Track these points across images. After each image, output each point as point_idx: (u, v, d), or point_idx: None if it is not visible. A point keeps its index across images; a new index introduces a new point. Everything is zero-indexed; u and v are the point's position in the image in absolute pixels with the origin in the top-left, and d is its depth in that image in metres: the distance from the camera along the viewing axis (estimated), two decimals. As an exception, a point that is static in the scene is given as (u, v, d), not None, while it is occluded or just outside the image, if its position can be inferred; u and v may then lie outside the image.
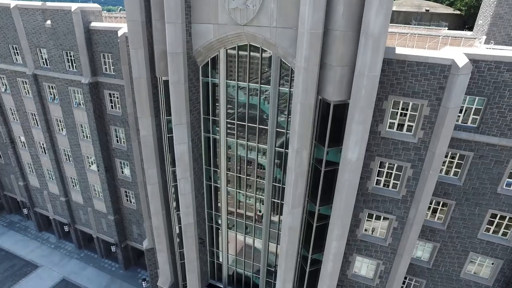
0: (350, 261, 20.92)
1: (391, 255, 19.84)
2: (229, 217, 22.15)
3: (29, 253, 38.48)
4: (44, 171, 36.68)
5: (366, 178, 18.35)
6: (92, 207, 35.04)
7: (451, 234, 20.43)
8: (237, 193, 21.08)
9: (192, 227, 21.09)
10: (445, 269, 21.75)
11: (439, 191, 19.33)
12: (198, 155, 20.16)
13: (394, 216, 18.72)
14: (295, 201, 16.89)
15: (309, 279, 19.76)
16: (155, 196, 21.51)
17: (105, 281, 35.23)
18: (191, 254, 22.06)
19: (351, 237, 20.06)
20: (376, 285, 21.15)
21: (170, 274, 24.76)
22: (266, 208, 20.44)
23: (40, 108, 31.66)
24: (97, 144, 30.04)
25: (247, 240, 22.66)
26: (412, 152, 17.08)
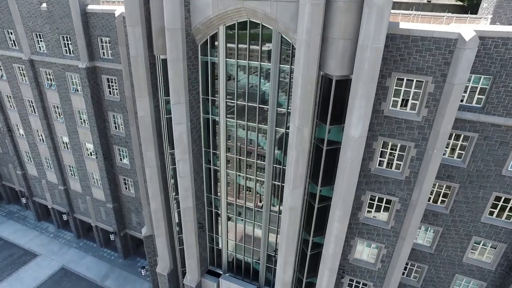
0: (352, 245, 20.60)
1: (394, 239, 19.51)
2: (229, 201, 21.80)
3: (28, 242, 38.27)
4: (42, 160, 36.32)
5: (368, 159, 17.98)
6: (91, 195, 34.73)
7: (454, 218, 20.10)
8: (237, 176, 20.71)
9: (191, 211, 20.75)
10: (448, 254, 21.45)
11: (442, 174, 18.96)
12: (197, 137, 19.77)
13: (397, 198, 18.36)
14: (296, 181, 16.53)
15: (310, 262, 19.45)
16: (154, 179, 21.15)
17: (104, 269, 35.04)
18: (190, 239, 21.75)
19: (353, 220, 19.72)
20: (378, 270, 20.86)
21: (169, 260, 24.48)
22: (267, 191, 20.08)
23: (37, 94, 31.22)
24: (95, 131, 29.64)
25: (247, 225, 22.34)
26: (415, 131, 16.68)
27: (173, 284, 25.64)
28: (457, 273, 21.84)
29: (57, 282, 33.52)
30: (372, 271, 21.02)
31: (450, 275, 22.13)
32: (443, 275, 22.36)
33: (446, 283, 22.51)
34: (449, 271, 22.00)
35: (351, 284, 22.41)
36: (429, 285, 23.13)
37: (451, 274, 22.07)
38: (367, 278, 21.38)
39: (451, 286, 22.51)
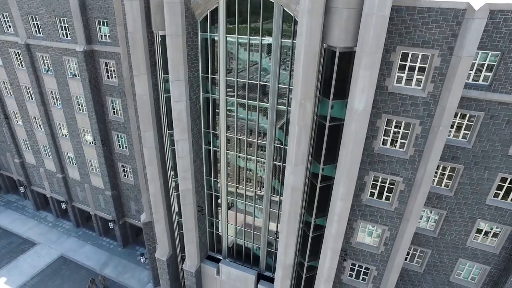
0: (355, 228, 20.23)
1: (397, 221, 19.14)
2: (229, 183, 21.41)
3: (26, 231, 37.99)
4: (40, 147, 35.92)
5: (372, 138, 17.55)
6: (89, 183, 34.36)
7: (459, 201, 19.71)
8: (237, 158, 20.29)
9: (190, 194, 20.36)
10: (451, 237, 21.09)
11: (447, 155, 18.55)
12: (197, 116, 19.32)
13: (401, 178, 17.95)
14: (298, 158, 16.11)
15: (312, 245, 19.09)
16: (152, 161, 20.74)
17: (103, 258, 34.77)
18: (190, 222, 21.38)
19: (355, 202, 19.34)
20: (380, 253, 20.51)
21: (168, 246, 24.14)
22: (268, 172, 19.66)
23: (34, 80, 30.74)
24: (93, 116, 29.20)
25: (248, 209, 21.97)
26: (421, 107, 16.23)
27: (172, 270, 25.32)
28: (461, 257, 21.50)
29: (56, 270, 33.26)
30: (375, 254, 20.67)
31: (454, 259, 21.80)
32: (446, 260, 22.02)
33: (449, 268, 22.19)
34: (453, 255, 21.66)
35: (353, 269, 22.08)
36: (432, 270, 22.81)
37: (454, 258, 21.73)
38: (369, 262, 21.04)
39: (454, 270, 22.19)
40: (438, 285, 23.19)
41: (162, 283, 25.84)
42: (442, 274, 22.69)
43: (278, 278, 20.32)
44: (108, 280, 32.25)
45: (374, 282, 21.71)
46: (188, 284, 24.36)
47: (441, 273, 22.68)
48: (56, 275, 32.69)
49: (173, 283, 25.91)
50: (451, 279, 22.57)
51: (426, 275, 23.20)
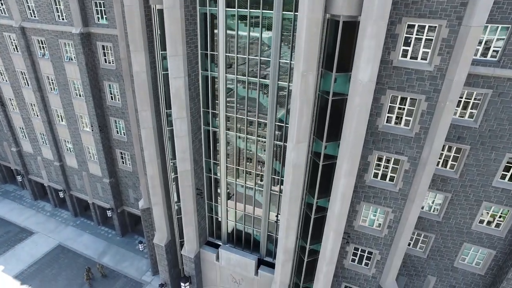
0: (358, 210, 19.72)
1: (401, 202, 18.61)
2: (229, 165, 20.89)
3: (24, 221, 37.56)
4: (37, 135, 35.39)
5: (376, 115, 16.99)
6: (87, 171, 33.86)
7: (464, 183, 19.21)
8: (237, 138, 19.75)
9: (188, 175, 19.84)
10: (456, 221, 20.61)
11: (452, 135, 18.02)
12: (195, 95, 18.76)
13: (406, 157, 17.40)
14: (300, 134, 15.56)
15: (314, 227, 18.58)
16: (150, 141, 20.20)
17: (101, 247, 34.35)
18: (188, 205, 20.88)
19: (358, 183, 18.82)
20: (384, 236, 20.02)
21: (166, 231, 23.66)
22: (268, 152, 19.11)
23: (29, 65, 30.15)
24: (90, 101, 28.63)
25: (248, 192, 21.46)
26: (427, 82, 15.65)
27: (171, 256, 24.86)
28: (465, 242, 21.02)
29: (53, 258, 32.85)
30: (378, 238, 20.18)
31: (458, 244, 21.32)
32: (450, 244, 21.55)
33: (454, 253, 21.72)
34: (457, 240, 21.18)
35: (355, 254, 21.61)
36: (435, 255, 22.35)
37: (459, 242, 21.25)
38: (372, 246, 20.56)
39: (458, 255, 21.72)
40: (442, 270, 22.74)
41: (160, 270, 25.40)
42: (446, 259, 22.22)
43: (279, 262, 19.84)
44: (106, 268, 31.84)
45: (377, 267, 21.24)
46: (187, 270, 23.91)
47: (445, 258, 22.22)
48: (54, 264, 32.29)
49: (171, 269, 25.47)
50: (455, 264, 22.11)
51: (429, 260, 22.74)
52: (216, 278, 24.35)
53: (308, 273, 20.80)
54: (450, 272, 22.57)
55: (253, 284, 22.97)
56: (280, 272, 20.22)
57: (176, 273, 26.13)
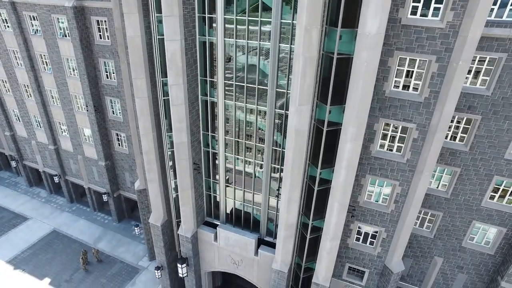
0: (363, 184, 18.78)
1: (409, 174, 17.64)
2: (227, 137, 19.91)
3: (18, 206, 36.69)
4: (31, 118, 34.44)
5: (382, 80, 16.03)
6: (82, 154, 32.94)
7: (474, 156, 18.27)
8: (236, 109, 18.80)
9: (185, 147, 18.88)
10: (465, 198, 19.68)
11: (462, 104, 17.10)
12: (193, 62, 17.79)
13: (414, 125, 16.43)
14: (302, 96, 14.60)
15: (318, 200, 17.62)
16: (145, 112, 19.25)
17: (97, 232, 33.47)
18: (185, 180, 19.92)
19: (364, 154, 17.88)
20: (390, 212, 19.08)
21: (162, 210, 22.72)
22: (269, 121, 18.10)
23: (21, 43, 29.17)
24: (85, 80, 27.68)
25: (247, 168, 20.50)
26: (438, 41, 14.65)
27: (167, 237, 23.93)
28: (475, 220, 20.11)
29: (48, 244, 31.98)
30: (384, 214, 19.23)
31: (467, 222, 20.40)
32: (459, 223, 20.63)
33: (462, 231, 20.81)
34: (466, 218, 20.26)
35: (360, 232, 20.69)
36: (443, 235, 21.44)
37: (467, 220, 20.33)
38: (378, 223, 19.62)
39: (467, 234, 20.80)
40: (449, 251, 21.85)
41: (156, 252, 24.49)
42: (454, 238, 21.32)
43: (280, 239, 18.91)
44: (102, 254, 30.98)
45: (382, 245, 20.32)
46: (183, 251, 22.99)
47: (453, 238, 21.31)
48: (48, 249, 31.41)
49: (168, 252, 24.55)
50: (463, 243, 21.20)
51: (436, 240, 21.84)
52: (214, 260, 23.43)
53: (310, 253, 19.88)
54: (458, 252, 21.68)
55: (252, 265, 22.05)
56: (282, 250, 19.30)
57: (173, 257, 25.22)
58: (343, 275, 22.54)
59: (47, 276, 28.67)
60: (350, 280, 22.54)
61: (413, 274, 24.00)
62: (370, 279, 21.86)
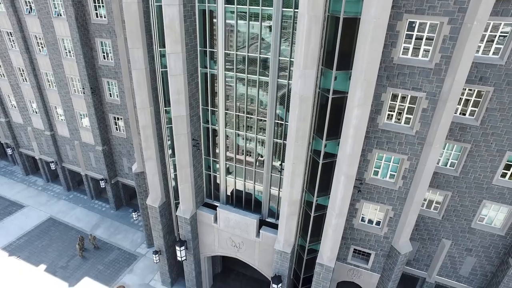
0: (369, 159, 17.97)
1: (418, 147, 16.82)
2: (228, 111, 19.10)
3: (14, 195, 35.90)
4: (27, 103, 33.65)
5: (391, 46, 15.20)
6: (79, 139, 32.15)
7: (485, 131, 17.47)
8: (236, 80, 18.00)
9: (184, 121, 18.07)
10: (475, 176, 18.87)
11: (474, 75, 16.30)
12: (192, 30, 16.98)
13: (424, 93, 15.62)
14: (307, 59, 13.79)
15: (323, 174, 16.79)
16: (142, 85, 18.44)
17: (94, 220, 32.70)
18: (184, 157, 19.12)
19: (371, 127, 17.07)
20: (398, 189, 18.26)
21: (160, 190, 21.92)
22: (271, 91, 17.27)
23: (15, 23, 28.38)
24: (81, 61, 26.88)
25: (248, 144, 19.70)
26: (451, 0, 13.88)
27: (165, 220, 23.14)
28: (485, 199, 19.30)
29: (44, 231, 31.22)
30: (391, 191, 18.41)
31: (477, 201, 19.59)
32: (468, 203, 19.83)
33: (471, 212, 20.01)
34: (476, 197, 19.45)
35: (366, 211, 19.87)
36: (451, 216, 20.65)
37: (477, 200, 19.53)
38: (385, 201, 18.82)
39: (476, 215, 20.00)
40: (457, 233, 21.06)
41: (154, 236, 23.70)
42: (462, 220, 20.52)
43: (283, 217, 18.12)
44: (99, 241, 30.21)
45: (389, 225, 19.51)
46: (182, 234, 22.19)
47: (462, 219, 20.52)
48: (44, 236, 30.64)
49: (166, 235, 23.77)
50: (472, 225, 20.41)
51: (444, 222, 21.04)
52: (214, 243, 22.64)
53: (315, 233, 19.10)
54: (467, 234, 20.89)
55: (254, 247, 21.26)
56: (284, 228, 18.51)
57: (171, 241, 24.44)
58: (348, 258, 21.75)
59: (43, 263, 27.91)
60: (355, 263, 21.75)
61: (419, 258, 23.21)
62: (376, 262, 21.08)
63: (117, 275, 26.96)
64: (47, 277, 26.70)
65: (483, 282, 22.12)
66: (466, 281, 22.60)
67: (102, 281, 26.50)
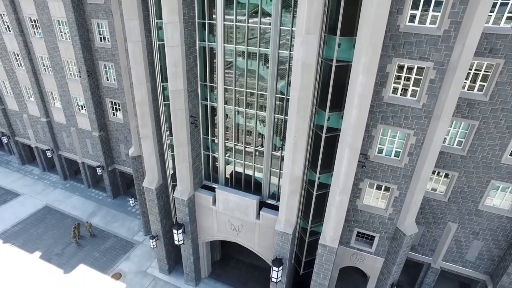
0: (374, 136, 17.31)
1: (425, 121, 16.14)
2: (227, 87, 18.44)
3: (10, 183, 35.25)
4: (22, 89, 32.99)
5: (397, 13, 14.57)
6: (76, 126, 31.49)
7: (495, 107, 16.81)
8: (236, 54, 17.33)
9: (181, 96, 17.39)
10: (483, 155, 18.22)
11: (483, 47, 15.63)
12: (190, 1, 16.32)
13: (432, 63, 14.95)
14: (309, 23, 13.11)
15: (326, 147, 16.05)
16: (138, 59, 17.75)
17: (91, 208, 32.04)
18: (181, 134, 18.43)
19: (375, 101, 16.41)
20: (404, 166, 17.58)
21: (157, 171, 21.24)
22: (272, 63, 16.61)
23: (8, 4, 27.71)
24: (77, 43, 26.21)
25: (248, 122, 19.03)
26: (461, -39, 13.24)
27: (162, 203, 22.46)
28: (493, 179, 18.65)
29: (39, 219, 30.56)
30: (396, 169, 17.74)
31: (485, 182, 18.94)
32: (475, 183, 19.18)
33: (479, 193, 19.35)
34: (484, 177, 18.80)
35: (370, 192, 19.23)
36: (458, 198, 19.99)
37: (485, 180, 18.87)
38: (390, 180, 18.15)
39: (484, 196, 19.35)
40: (464, 215, 20.41)
41: (151, 220, 23.01)
42: (469, 201, 19.87)
43: (285, 194, 17.43)
44: (95, 228, 29.54)
45: (394, 205, 18.84)
46: (180, 217, 21.51)
47: (469, 201, 19.87)
48: (40, 224, 29.98)
49: (163, 220, 23.10)
50: (480, 207, 19.76)
51: (451, 204, 20.39)
52: (212, 227, 21.96)
53: (317, 214, 18.41)
54: (474, 216, 20.24)
55: (254, 230, 20.58)
56: (286, 207, 17.82)
57: (168, 226, 23.76)
58: (351, 242, 21.09)
59: (38, 250, 27.24)
60: (358, 247, 21.09)
61: (424, 243, 22.55)
62: (380, 245, 20.41)
63: (114, 262, 26.30)
64: (42, 264, 26.04)
65: (490, 267, 21.47)
66: (473, 266, 21.94)
67: (98, 268, 25.83)
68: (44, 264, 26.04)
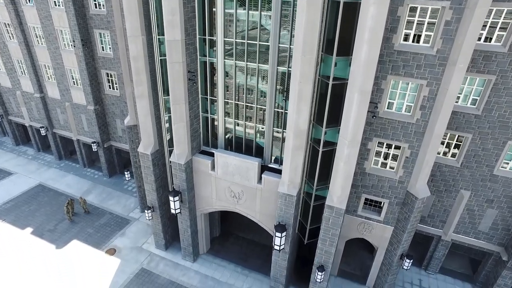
0: (383, 89, 16.18)
1: (439, 69, 14.97)
2: (227, 40, 17.32)
3: (2, 163, 34.20)
4: (15, 64, 31.90)
5: None
6: (70, 100, 30.39)
7: (513, 59, 15.66)
8: (237, 6, 16.22)
9: (179, 47, 16.24)
10: (500, 113, 17.13)
11: (500, -7, 14.50)
12: None
13: (448, 2, 13.76)
14: None
15: (333, 97, 14.92)
16: (133, 9, 16.47)
17: (86, 186, 30.94)
18: (178, 90, 17.24)
19: (385, 49, 15.28)
20: (416, 122, 16.42)
21: (153, 136, 20.07)
22: (275, 12, 15.54)
23: (1, -30, 26.70)
24: (70, 9, 25.12)
25: (249, 80, 17.93)
26: None
27: (158, 170, 21.29)
28: (511, 140, 17.55)
29: (32, 196, 29.46)
30: (408, 125, 16.56)
31: (501, 143, 17.84)
32: (490, 146, 18.07)
33: (494, 156, 18.25)
34: (500, 138, 17.69)
35: (379, 153, 18.10)
36: (471, 162, 18.89)
37: (501, 142, 17.77)
38: (401, 137, 16.98)
39: (500, 159, 18.24)
40: (478, 181, 19.30)
41: (147, 190, 21.84)
42: (484, 166, 18.76)
43: (289, 150, 16.24)
44: (90, 206, 28.41)
45: (405, 167, 17.65)
46: (177, 184, 20.36)
47: (483, 165, 18.76)
48: (32, 201, 28.87)
49: (159, 189, 21.95)
50: (495, 171, 18.66)
51: (463, 170, 19.28)
52: (211, 195, 20.80)
53: (323, 175, 17.24)
54: (488, 182, 19.13)
55: (255, 196, 19.42)
56: (290, 165, 16.64)
57: (165, 197, 22.61)
58: (358, 210, 19.94)
59: (29, 226, 26.11)
60: (366, 216, 19.94)
61: (434, 214, 21.43)
62: (389, 212, 19.24)
63: (108, 238, 25.16)
64: (33, 239, 24.92)
65: (505, 237, 20.33)
66: (486, 237, 20.81)
67: (91, 243, 24.69)
68: (36, 239, 24.92)
